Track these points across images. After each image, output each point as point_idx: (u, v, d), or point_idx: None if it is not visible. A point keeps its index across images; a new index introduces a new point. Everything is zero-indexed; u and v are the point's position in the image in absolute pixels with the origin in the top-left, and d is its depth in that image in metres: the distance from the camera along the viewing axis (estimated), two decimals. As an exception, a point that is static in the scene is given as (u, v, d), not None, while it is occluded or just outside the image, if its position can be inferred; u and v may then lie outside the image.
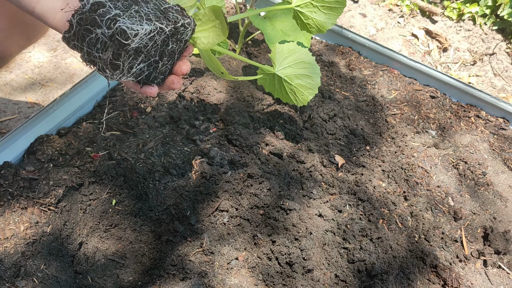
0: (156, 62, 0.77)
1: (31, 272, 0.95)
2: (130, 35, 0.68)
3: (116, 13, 0.68)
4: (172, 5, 0.77)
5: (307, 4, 1.10)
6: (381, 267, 1.09)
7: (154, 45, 0.73)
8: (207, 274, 1.02)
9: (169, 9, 0.76)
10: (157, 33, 0.72)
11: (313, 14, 1.11)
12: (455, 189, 1.42)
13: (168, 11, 0.75)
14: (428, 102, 1.68)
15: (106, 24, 0.67)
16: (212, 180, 1.20)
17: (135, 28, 0.69)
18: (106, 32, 0.67)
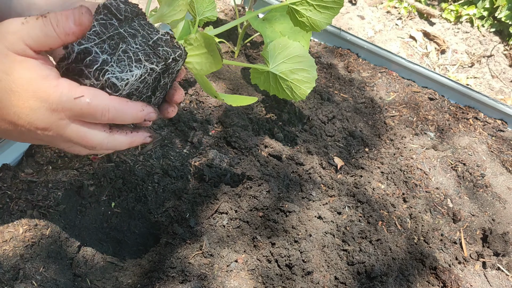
0: (149, 97, 0.75)
1: (30, 275, 0.94)
2: (120, 86, 0.67)
3: (103, 59, 0.67)
4: (161, 35, 0.73)
5: (302, 2, 1.09)
6: (381, 269, 1.09)
7: (146, 85, 0.72)
8: (206, 277, 1.02)
9: (158, 41, 0.72)
10: (148, 74, 0.70)
11: (308, 13, 1.10)
12: (454, 191, 1.42)
13: (158, 45, 0.72)
14: (426, 104, 1.69)
15: (94, 76, 0.66)
16: (211, 182, 1.20)
17: (125, 78, 0.67)
18: (96, 83, 0.66)
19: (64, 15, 0.64)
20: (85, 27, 0.65)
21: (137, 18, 0.72)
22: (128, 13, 0.71)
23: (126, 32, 0.70)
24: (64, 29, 0.63)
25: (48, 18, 0.63)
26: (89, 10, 0.65)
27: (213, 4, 1.30)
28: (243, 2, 1.93)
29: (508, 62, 2.29)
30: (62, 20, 0.63)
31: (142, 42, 0.70)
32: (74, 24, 0.64)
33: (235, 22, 0.99)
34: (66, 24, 0.63)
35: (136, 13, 0.72)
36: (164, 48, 0.72)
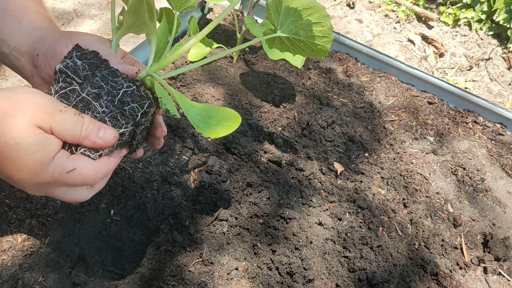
0: (130, 142, 0.76)
1: (29, 285, 0.94)
2: (94, 157, 0.70)
3: None
4: (126, 87, 0.70)
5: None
6: (382, 276, 1.08)
7: (122, 141, 0.73)
8: (207, 285, 1.01)
9: (124, 97, 0.70)
10: (121, 135, 0.71)
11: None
12: (454, 196, 1.42)
13: (124, 102, 0.70)
14: (425, 108, 1.68)
15: (70, 150, 0.69)
16: (211, 189, 1.19)
17: (94, 154, 0.70)
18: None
19: (97, 126, 0.69)
20: (107, 146, 0.71)
21: (98, 71, 0.70)
22: (87, 71, 0.69)
23: (89, 94, 0.69)
24: (89, 136, 0.69)
25: (83, 121, 0.68)
26: (117, 136, 0.71)
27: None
28: (242, 7, 1.92)
29: (506, 65, 2.30)
30: (93, 130, 0.69)
31: (108, 102, 0.69)
32: (101, 139, 0.70)
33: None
34: (95, 134, 0.69)
35: (96, 65, 0.70)
36: (130, 106, 0.71)
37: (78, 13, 2.39)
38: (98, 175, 0.72)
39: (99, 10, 2.37)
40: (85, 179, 0.70)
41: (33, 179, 0.67)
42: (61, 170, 0.68)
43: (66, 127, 0.67)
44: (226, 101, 1.45)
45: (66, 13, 2.37)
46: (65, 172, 0.68)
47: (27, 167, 0.66)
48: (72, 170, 0.68)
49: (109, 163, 0.74)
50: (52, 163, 0.67)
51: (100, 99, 0.69)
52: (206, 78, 1.52)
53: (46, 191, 0.71)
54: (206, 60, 0.81)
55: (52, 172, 0.67)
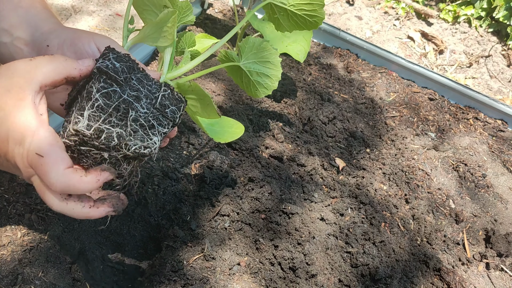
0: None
1: (29, 280, 0.92)
2: (151, 153, 0.69)
3: (118, 134, 0.66)
4: (163, 91, 0.71)
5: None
6: (385, 271, 1.08)
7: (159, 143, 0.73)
8: (208, 280, 1.00)
9: (163, 100, 0.70)
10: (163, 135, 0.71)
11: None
12: (456, 192, 1.41)
13: (164, 105, 0.70)
14: (426, 105, 1.68)
15: (115, 149, 0.66)
16: (212, 184, 1.18)
17: (151, 146, 0.68)
18: (116, 155, 0.67)
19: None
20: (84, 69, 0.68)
21: (133, 74, 0.70)
22: (126, 73, 0.69)
23: (130, 96, 0.68)
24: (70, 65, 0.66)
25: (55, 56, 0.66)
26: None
27: (190, 9, 1.19)
28: (242, 3, 1.91)
29: (506, 62, 2.29)
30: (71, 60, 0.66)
31: (148, 104, 0.69)
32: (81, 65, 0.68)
33: (235, 28, 0.95)
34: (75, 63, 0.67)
35: (132, 68, 0.70)
36: (171, 109, 0.71)
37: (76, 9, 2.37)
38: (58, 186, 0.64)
39: (97, 7, 2.35)
40: (43, 174, 0.64)
41: (19, 153, 0.64)
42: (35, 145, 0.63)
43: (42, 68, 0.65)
44: (226, 96, 1.44)
45: (64, 9, 2.35)
46: (33, 152, 0.63)
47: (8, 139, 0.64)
48: (39, 155, 0.63)
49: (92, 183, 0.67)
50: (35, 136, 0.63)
51: (140, 101, 0.68)
52: (207, 73, 1.51)
53: (25, 173, 0.67)
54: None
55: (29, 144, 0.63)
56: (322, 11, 0.90)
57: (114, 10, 2.33)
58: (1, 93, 0.63)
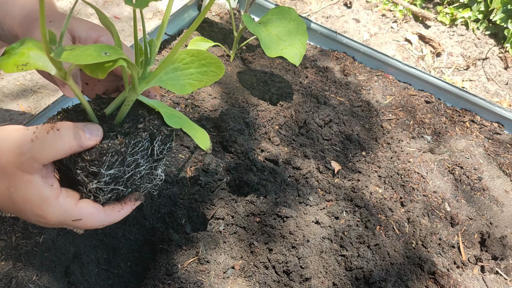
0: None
1: (23, 284, 0.93)
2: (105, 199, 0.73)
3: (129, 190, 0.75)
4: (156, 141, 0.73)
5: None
6: (379, 275, 1.08)
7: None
8: (203, 284, 1.00)
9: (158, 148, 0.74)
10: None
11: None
12: (452, 195, 1.41)
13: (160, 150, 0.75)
14: (423, 107, 1.68)
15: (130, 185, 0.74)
16: (208, 188, 1.18)
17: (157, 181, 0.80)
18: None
19: (79, 129, 0.64)
20: (96, 142, 0.66)
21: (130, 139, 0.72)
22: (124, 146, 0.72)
23: (132, 163, 0.72)
24: (80, 144, 0.64)
25: (60, 135, 0.63)
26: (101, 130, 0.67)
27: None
28: (239, 6, 1.92)
29: (503, 64, 2.30)
30: (79, 135, 0.64)
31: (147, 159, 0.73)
32: (90, 140, 0.65)
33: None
34: (84, 139, 0.64)
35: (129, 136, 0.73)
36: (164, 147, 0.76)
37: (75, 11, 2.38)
38: (102, 224, 0.73)
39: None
40: (90, 228, 0.72)
41: (40, 220, 0.68)
42: (65, 217, 0.68)
43: (48, 150, 0.62)
44: (223, 100, 1.45)
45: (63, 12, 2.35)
46: (70, 220, 0.68)
47: (30, 210, 0.67)
48: (77, 220, 0.69)
49: (118, 215, 0.74)
50: (57, 208, 0.66)
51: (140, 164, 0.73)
52: (203, 76, 1.52)
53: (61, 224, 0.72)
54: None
55: (57, 217, 0.67)
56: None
57: (112, 12, 2.33)
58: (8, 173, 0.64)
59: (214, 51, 1.65)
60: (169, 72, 0.77)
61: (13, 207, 0.67)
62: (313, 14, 2.48)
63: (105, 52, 0.60)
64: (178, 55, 0.77)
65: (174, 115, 0.75)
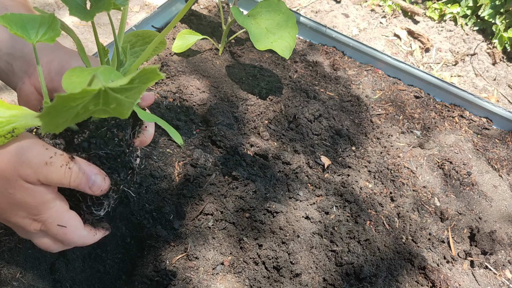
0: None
1: (6, 281, 0.90)
2: (96, 214, 0.76)
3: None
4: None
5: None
6: (370, 270, 1.07)
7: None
8: (191, 280, 0.99)
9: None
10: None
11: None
12: (441, 190, 1.41)
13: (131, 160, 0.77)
14: (412, 102, 1.68)
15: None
16: (196, 183, 1.16)
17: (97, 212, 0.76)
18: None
19: (86, 177, 0.67)
20: (100, 194, 0.71)
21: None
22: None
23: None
24: (78, 187, 0.67)
25: (70, 172, 0.66)
26: (108, 181, 0.71)
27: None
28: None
29: (491, 60, 2.30)
30: (82, 180, 0.67)
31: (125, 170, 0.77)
32: (91, 189, 0.68)
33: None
34: (85, 186, 0.68)
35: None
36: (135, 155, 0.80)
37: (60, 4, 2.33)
38: (77, 243, 0.74)
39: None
40: (66, 241, 0.72)
41: (25, 226, 0.69)
42: (53, 222, 0.68)
43: (54, 179, 0.65)
44: (211, 93, 1.43)
45: (48, 5, 2.31)
46: (55, 225, 0.69)
47: (20, 215, 0.68)
48: (62, 226, 0.69)
49: (92, 239, 0.76)
50: (48, 212, 0.68)
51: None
52: (191, 70, 1.49)
53: (35, 236, 0.73)
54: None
55: (44, 220, 0.68)
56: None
57: (98, 5, 2.28)
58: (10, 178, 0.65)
59: (202, 45, 1.63)
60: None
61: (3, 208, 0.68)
62: (302, 9, 2.46)
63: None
64: (126, 37, 0.80)
65: (147, 113, 0.76)
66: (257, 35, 1.36)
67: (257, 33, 1.37)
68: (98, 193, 0.69)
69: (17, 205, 0.66)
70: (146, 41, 0.82)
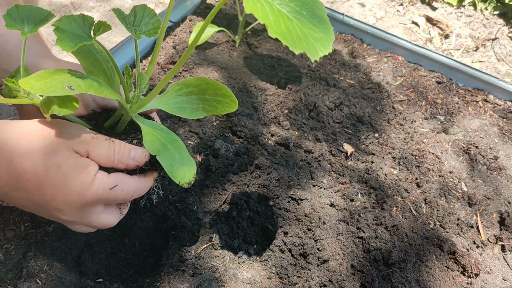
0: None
1: (34, 273, 0.90)
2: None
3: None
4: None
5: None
6: (398, 256, 1.05)
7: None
8: (218, 269, 0.98)
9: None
10: None
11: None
12: (468, 175, 1.38)
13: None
14: (434, 88, 1.64)
15: None
16: (218, 173, 1.16)
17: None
18: None
19: (128, 148, 0.74)
20: (140, 165, 0.77)
21: None
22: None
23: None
24: (122, 159, 0.74)
25: (114, 145, 0.73)
26: (148, 154, 0.77)
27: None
28: (242, -9, 1.88)
29: (513, 44, 2.25)
30: (125, 152, 0.74)
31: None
32: (133, 160, 0.75)
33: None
34: (127, 157, 0.74)
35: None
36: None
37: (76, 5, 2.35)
38: (136, 191, 0.77)
39: (96, 2, 2.33)
40: (126, 195, 0.75)
41: (78, 200, 0.71)
42: (104, 187, 0.72)
43: (101, 151, 0.71)
44: (230, 85, 1.42)
45: (64, 6, 2.33)
46: (108, 189, 0.72)
47: (72, 189, 0.69)
48: (114, 187, 0.73)
49: (145, 181, 0.80)
50: (95, 182, 0.71)
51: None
52: (209, 62, 1.49)
53: (84, 214, 0.75)
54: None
55: (96, 190, 0.71)
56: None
57: (114, 5, 2.30)
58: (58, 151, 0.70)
59: (219, 37, 1.62)
60: (182, 95, 0.83)
61: (45, 190, 0.70)
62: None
63: (69, 85, 0.63)
64: (193, 80, 0.83)
65: (157, 139, 0.78)
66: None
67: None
68: (135, 164, 0.75)
69: (63, 182, 0.69)
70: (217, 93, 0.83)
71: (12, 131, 0.70)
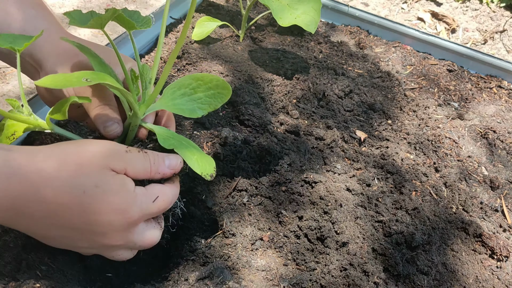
0: None
1: (34, 266, 0.84)
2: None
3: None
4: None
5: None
6: (422, 238, 0.98)
7: None
8: (230, 257, 0.91)
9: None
10: None
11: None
12: (487, 159, 1.32)
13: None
14: (446, 75, 1.59)
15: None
16: (227, 160, 1.10)
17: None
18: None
19: (161, 157, 0.73)
20: (176, 172, 0.76)
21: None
22: None
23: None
24: (158, 169, 0.73)
25: (148, 156, 0.72)
26: (182, 161, 0.76)
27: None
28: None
29: (522, 35, 2.20)
30: (159, 161, 0.73)
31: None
32: (169, 168, 0.74)
33: None
34: (162, 165, 0.73)
35: None
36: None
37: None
38: (174, 198, 0.77)
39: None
40: (167, 204, 0.75)
41: (123, 219, 0.68)
42: (147, 201, 0.70)
43: (138, 164, 0.70)
44: (235, 77, 1.37)
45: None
46: (151, 202, 0.71)
47: (114, 208, 0.67)
48: (156, 198, 0.71)
49: (175, 186, 0.78)
50: (137, 197, 0.69)
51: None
52: (213, 56, 1.45)
53: (129, 235, 0.72)
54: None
55: (139, 205, 0.69)
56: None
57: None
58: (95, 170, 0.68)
59: (222, 32, 1.59)
60: (176, 98, 0.81)
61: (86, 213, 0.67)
62: (320, 1, 2.42)
63: (86, 78, 0.63)
64: (184, 80, 0.82)
65: (170, 137, 0.77)
66: (279, 12, 1.31)
67: (280, 10, 1.31)
68: (172, 173, 0.75)
69: (103, 201, 0.66)
70: (209, 86, 0.84)
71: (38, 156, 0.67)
